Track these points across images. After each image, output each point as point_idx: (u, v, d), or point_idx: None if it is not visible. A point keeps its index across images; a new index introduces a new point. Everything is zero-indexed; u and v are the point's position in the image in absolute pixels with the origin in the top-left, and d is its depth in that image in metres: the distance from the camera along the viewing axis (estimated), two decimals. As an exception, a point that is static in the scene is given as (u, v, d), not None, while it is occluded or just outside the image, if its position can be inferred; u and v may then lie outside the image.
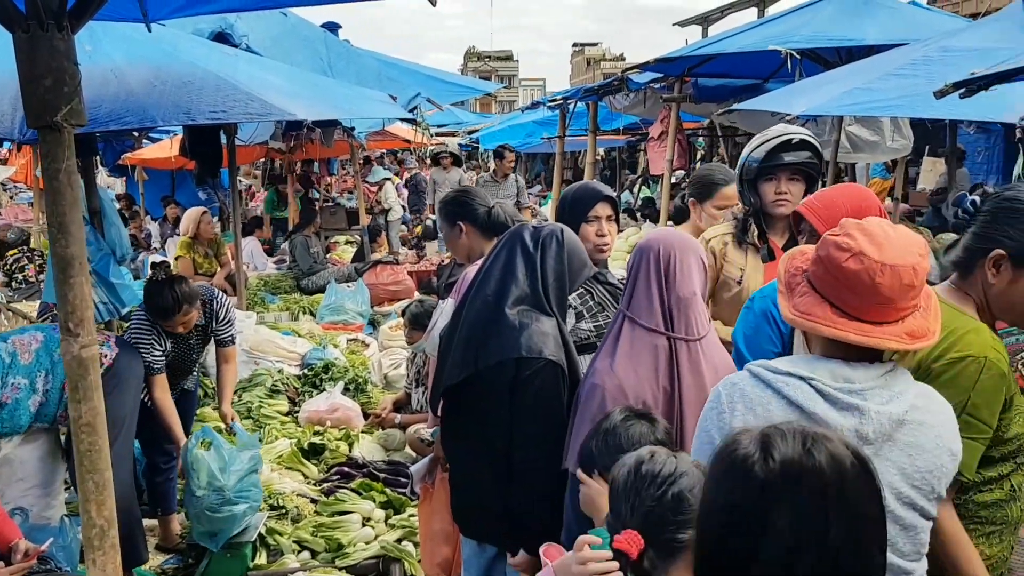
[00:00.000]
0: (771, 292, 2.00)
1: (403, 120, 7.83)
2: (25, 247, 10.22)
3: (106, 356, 3.81)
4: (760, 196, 3.23)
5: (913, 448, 1.71)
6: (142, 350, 4.09)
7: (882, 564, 1.28)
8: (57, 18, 2.24)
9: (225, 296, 4.62)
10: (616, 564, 1.65)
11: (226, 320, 4.49)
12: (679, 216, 5.15)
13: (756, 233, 3.32)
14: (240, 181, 16.47)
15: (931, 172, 11.48)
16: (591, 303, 3.05)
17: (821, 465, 1.24)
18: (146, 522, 4.63)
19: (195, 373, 4.79)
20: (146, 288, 4.24)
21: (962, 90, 3.19)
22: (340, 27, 8.21)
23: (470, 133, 20.96)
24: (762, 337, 2.61)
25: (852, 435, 1.67)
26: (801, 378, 1.74)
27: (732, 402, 1.81)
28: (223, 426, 4.61)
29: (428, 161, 17.74)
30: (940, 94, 3.19)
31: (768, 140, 3.19)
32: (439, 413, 2.85)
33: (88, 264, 2.58)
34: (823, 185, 6.36)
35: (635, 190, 15.56)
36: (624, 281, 2.62)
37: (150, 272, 4.28)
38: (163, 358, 4.22)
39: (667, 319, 2.33)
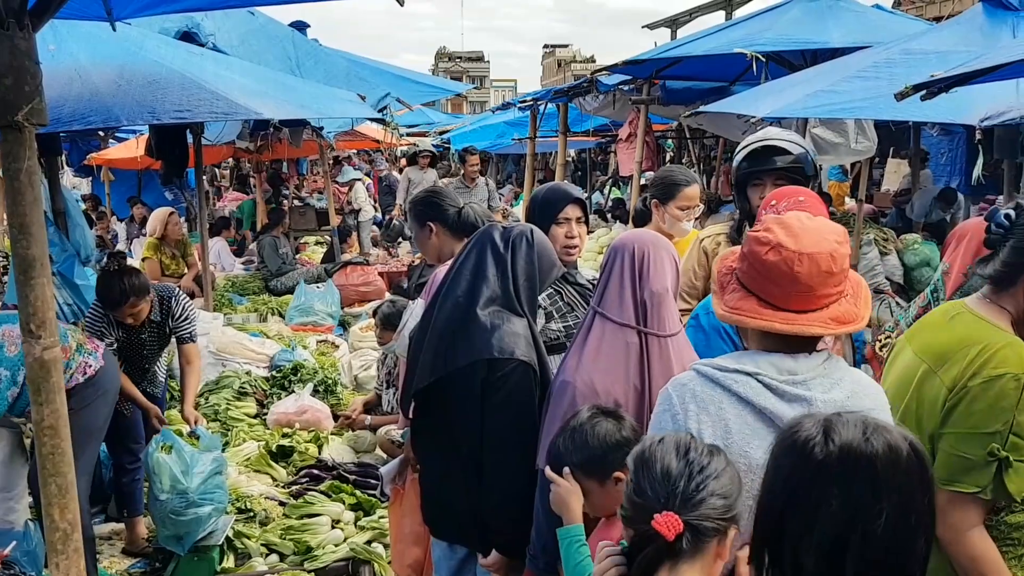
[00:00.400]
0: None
1: (372, 120, 7.80)
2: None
3: (91, 367, 3.79)
4: (748, 201, 3.22)
5: None
6: (92, 334, 4.08)
7: (926, 554, 1.34)
8: (18, 16, 2.20)
9: (186, 296, 4.58)
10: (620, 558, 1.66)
11: (183, 317, 4.44)
12: (641, 219, 5.16)
13: None
14: (216, 180, 16.32)
15: (895, 174, 11.67)
16: (560, 303, 3.07)
17: (877, 452, 1.31)
18: (112, 526, 4.58)
19: (160, 376, 4.73)
20: (98, 277, 4.23)
21: (923, 92, 3.24)
22: (308, 26, 8.16)
23: (441, 134, 20.91)
24: (715, 352, 2.63)
25: None
26: (748, 374, 1.80)
27: (684, 403, 1.85)
28: (186, 429, 4.57)
29: (403, 161, 17.64)
30: (900, 96, 3.25)
31: (751, 145, 3.19)
32: (410, 415, 2.84)
33: (52, 265, 2.55)
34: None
35: (605, 191, 15.65)
36: (595, 281, 2.63)
37: (105, 261, 4.26)
38: (113, 344, 4.23)
39: (639, 315, 2.33)
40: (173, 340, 4.54)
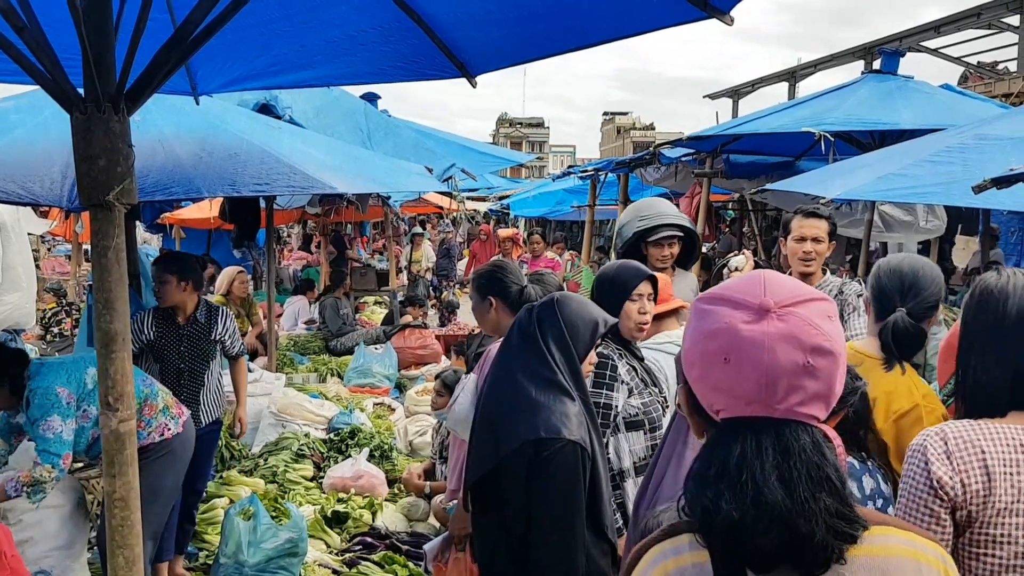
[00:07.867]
0: None
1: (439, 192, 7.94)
2: (63, 300, 10.38)
3: (169, 430, 3.90)
4: None
5: None
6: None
7: None
8: (114, 101, 2.26)
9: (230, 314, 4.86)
10: None
11: (230, 331, 4.72)
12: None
13: None
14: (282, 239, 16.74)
15: (964, 251, 11.38)
16: (637, 380, 3.04)
17: None
18: None
19: (205, 402, 4.65)
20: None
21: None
22: (379, 98, 8.41)
23: (501, 199, 21.15)
24: None
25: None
26: (667, 341, 3.22)
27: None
28: (237, 430, 4.93)
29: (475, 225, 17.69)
30: (978, 189, 3.20)
31: None
32: (468, 508, 2.80)
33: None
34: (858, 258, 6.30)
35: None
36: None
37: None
38: (138, 346, 4.42)
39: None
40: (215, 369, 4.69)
